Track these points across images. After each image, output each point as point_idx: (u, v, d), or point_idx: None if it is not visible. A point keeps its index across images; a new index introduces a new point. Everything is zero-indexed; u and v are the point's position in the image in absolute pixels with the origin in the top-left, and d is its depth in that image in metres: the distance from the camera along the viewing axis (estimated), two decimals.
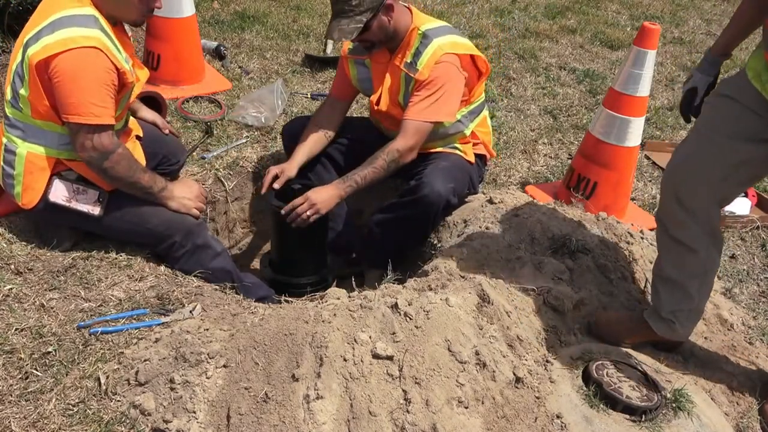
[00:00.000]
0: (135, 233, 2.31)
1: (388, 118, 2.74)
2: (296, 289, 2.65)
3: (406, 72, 2.55)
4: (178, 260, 2.33)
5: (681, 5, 6.68)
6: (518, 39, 5.17)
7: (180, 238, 2.30)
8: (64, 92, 2.04)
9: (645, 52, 2.76)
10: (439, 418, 1.68)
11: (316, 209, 2.50)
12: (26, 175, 2.20)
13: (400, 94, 2.63)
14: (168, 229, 2.29)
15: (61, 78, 2.02)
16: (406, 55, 2.57)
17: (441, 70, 2.50)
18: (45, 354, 1.89)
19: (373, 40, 2.54)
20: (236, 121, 3.44)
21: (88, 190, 2.23)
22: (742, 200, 3.18)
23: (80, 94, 2.04)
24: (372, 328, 1.81)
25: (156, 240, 2.31)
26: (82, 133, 2.08)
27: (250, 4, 5.13)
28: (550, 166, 3.44)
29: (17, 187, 2.22)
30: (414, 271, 2.45)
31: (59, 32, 2.03)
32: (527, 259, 2.33)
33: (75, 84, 2.03)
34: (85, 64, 2.03)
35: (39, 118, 2.13)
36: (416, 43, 2.55)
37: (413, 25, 2.57)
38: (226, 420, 1.70)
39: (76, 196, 2.22)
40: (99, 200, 2.23)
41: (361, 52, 2.70)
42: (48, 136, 2.17)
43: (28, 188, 2.21)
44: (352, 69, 2.78)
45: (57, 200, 2.20)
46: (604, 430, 1.78)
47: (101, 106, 2.07)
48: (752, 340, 2.33)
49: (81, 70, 2.03)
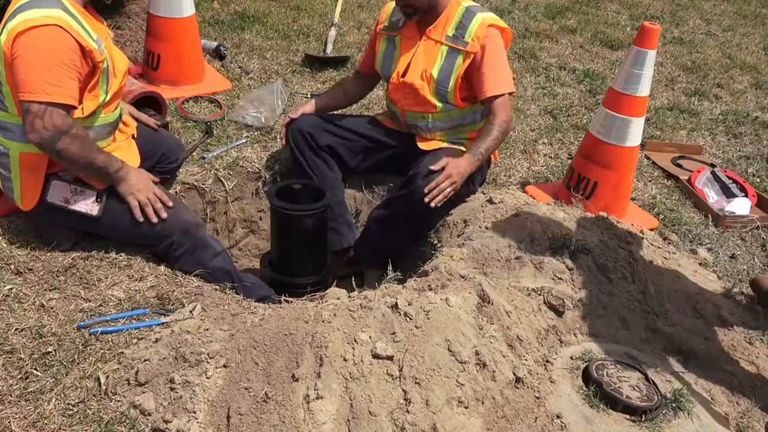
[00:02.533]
0: (132, 234, 2.30)
1: (409, 94, 2.76)
2: (296, 289, 2.65)
3: (451, 45, 2.63)
4: (177, 260, 2.32)
5: (681, 5, 6.67)
6: (518, 39, 5.17)
7: (177, 237, 2.29)
8: (17, 71, 1.98)
9: (645, 52, 2.76)
10: (439, 418, 1.68)
11: (453, 182, 2.55)
12: (22, 176, 2.19)
13: (435, 66, 2.67)
14: (165, 228, 2.28)
15: (17, 57, 1.97)
16: (447, 28, 2.65)
17: (495, 39, 2.63)
18: (45, 354, 1.89)
19: (416, 5, 2.62)
20: (236, 121, 3.44)
21: (86, 190, 2.22)
22: (742, 200, 3.18)
23: (32, 72, 1.97)
24: (372, 328, 1.81)
25: (154, 240, 2.30)
26: (31, 112, 1.99)
27: (250, 4, 5.13)
28: (550, 166, 3.44)
29: (16, 190, 2.22)
30: (414, 271, 2.45)
31: (20, 15, 2.00)
32: (527, 259, 2.33)
33: (29, 62, 1.97)
34: (41, 42, 1.97)
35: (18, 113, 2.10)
36: (458, 16, 2.64)
37: (454, 0, 2.68)
38: (226, 420, 1.69)
39: (74, 197, 2.21)
40: (97, 200, 2.23)
41: (395, 28, 2.79)
42: None
43: (27, 189, 2.20)
44: (382, 44, 2.85)
45: (55, 201, 2.20)
46: (604, 430, 1.78)
47: (54, 85, 1.99)
48: (752, 340, 2.33)
49: (37, 48, 1.97)
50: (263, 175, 3.17)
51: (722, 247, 2.90)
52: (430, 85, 2.69)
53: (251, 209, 3.21)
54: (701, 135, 3.98)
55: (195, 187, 3.00)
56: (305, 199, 2.71)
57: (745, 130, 4.09)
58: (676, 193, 3.31)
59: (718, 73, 4.99)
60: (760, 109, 4.44)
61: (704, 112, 4.27)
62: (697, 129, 4.04)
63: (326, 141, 2.86)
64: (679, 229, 3.00)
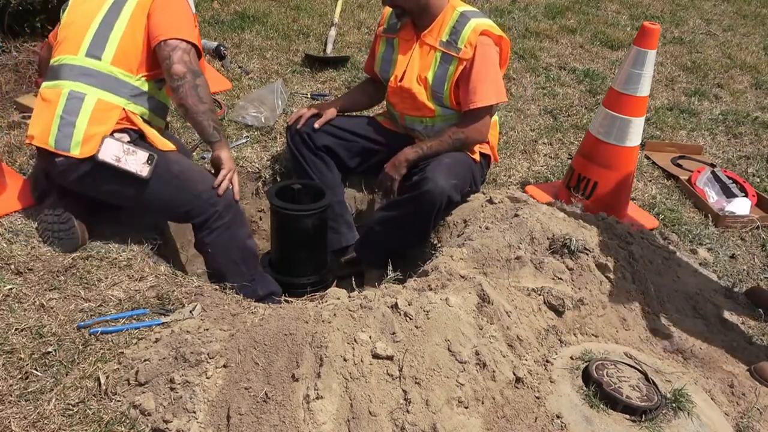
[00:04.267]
0: (177, 201, 2.29)
1: (407, 99, 2.76)
2: (296, 289, 2.65)
3: (444, 51, 2.61)
4: (212, 231, 2.32)
5: (681, 5, 6.68)
6: (518, 39, 5.17)
7: (222, 208, 2.31)
8: (166, 15, 2.25)
9: (645, 52, 2.76)
10: (439, 418, 1.68)
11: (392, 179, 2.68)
12: (89, 124, 2.19)
13: (430, 72, 2.66)
14: (212, 197, 2.30)
15: (160, 7, 2.25)
16: (441, 33, 2.63)
17: (485, 49, 2.59)
18: (45, 354, 1.89)
19: (403, 6, 2.61)
20: (236, 121, 3.44)
21: (138, 151, 2.21)
22: (742, 200, 3.18)
23: (183, 18, 2.28)
24: (372, 328, 1.81)
25: (199, 208, 2.30)
26: (180, 48, 2.22)
27: (250, 4, 5.13)
28: (550, 166, 3.44)
29: (77, 135, 2.19)
30: (414, 271, 2.45)
31: None
32: (527, 259, 2.33)
33: (176, 10, 2.28)
34: (180, 3, 2.32)
35: (119, 66, 2.23)
36: (452, 21, 2.61)
37: (449, 5, 2.65)
38: (226, 420, 1.69)
39: (125, 156, 2.19)
40: (148, 162, 2.21)
41: (393, 31, 2.78)
42: (123, 85, 2.25)
43: (90, 137, 2.20)
44: (381, 47, 2.85)
45: (106, 158, 2.18)
46: (604, 430, 1.78)
47: (195, 33, 2.30)
48: (752, 340, 2.33)
49: (177, 4, 2.31)
50: (263, 175, 3.18)
51: (722, 247, 2.90)
52: (426, 90, 2.69)
53: (251, 209, 3.21)
54: (701, 135, 3.98)
55: None
56: (305, 199, 2.71)
57: (745, 130, 4.09)
58: (676, 193, 3.31)
59: (718, 73, 4.99)
60: (760, 109, 4.44)
61: (704, 112, 4.27)
62: (697, 129, 4.04)
63: (324, 141, 2.86)
64: (679, 229, 3.00)
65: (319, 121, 2.84)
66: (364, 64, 3.13)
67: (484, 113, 2.67)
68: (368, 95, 3.07)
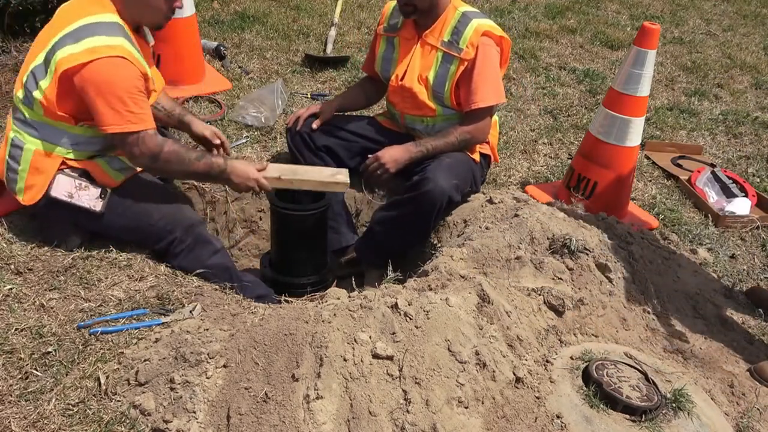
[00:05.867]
0: (136, 230, 2.30)
1: (408, 98, 2.76)
2: (296, 289, 2.65)
3: (446, 51, 2.61)
4: (176, 256, 2.33)
5: (681, 5, 6.68)
6: (518, 39, 5.17)
7: (180, 233, 2.30)
8: (98, 105, 2.05)
9: (645, 52, 2.76)
10: (439, 418, 1.68)
11: (385, 168, 2.63)
12: (30, 173, 2.19)
13: (431, 72, 2.67)
14: (169, 224, 2.29)
15: (91, 90, 2.03)
16: (443, 33, 2.63)
17: (486, 50, 2.60)
18: (45, 354, 1.89)
19: (416, 5, 2.60)
20: (236, 121, 3.44)
21: (90, 186, 2.22)
22: (742, 200, 3.18)
23: (116, 105, 2.05)
24: (372, 328, 1.80)
25: (157, 236, 2.30)
26: (127, 142, 2.12)
27: (250, 4, 5.13)
28: (550, 166, 3.44)
29: (20, 182, 2.21)
30: (414, 271, 2.45)
31: (84, 41, 2.03)
32: (527, 259, 2.33)
33: (107, 96, 2.04)
34: (113, 76, 2.04)
35: (53, 118, 2.14)
36: (453, 21, 2.62)
37: (451, 4, 2.66)
38: (226, 420, 1.69)
39: (78, 192, 2.21)
40: (101, 197, 2.22)
41: (394, 30, 2.78)
42: (61, 135, 2.18)
43: (31, 186, 2.21)
44: (381, 45, 2.84)
45: (59, 195, 2.19)
46: (604, 430, 1.78)
47: (138, 113, 2.09)
48: (752, 340, 2.33)
49: (110, 82, 2.04)
50: None
51: (722, 247, 2.90)
52: (427, 89, 2.69)
53: (251, 209, 3.20)
54: (701, 135, 3.98)
55: (195, 187, 3.00)
56: (305, 199, 2.70)
57: (745, 130, 4.09)
58: (676, 193, 3.31)
59: (718, 73, 4.99)
60: (760, 109, 4.44)
61: (704, 112, 4.27)
62: (697, 129, 4.04)
63: (324, 142, 2.86)
64: (679, 229, 3.00)
65: (317, 120, 2.84)
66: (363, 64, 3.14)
67: (486, 113, 2.68)
68: (366, 94, 3.07)
